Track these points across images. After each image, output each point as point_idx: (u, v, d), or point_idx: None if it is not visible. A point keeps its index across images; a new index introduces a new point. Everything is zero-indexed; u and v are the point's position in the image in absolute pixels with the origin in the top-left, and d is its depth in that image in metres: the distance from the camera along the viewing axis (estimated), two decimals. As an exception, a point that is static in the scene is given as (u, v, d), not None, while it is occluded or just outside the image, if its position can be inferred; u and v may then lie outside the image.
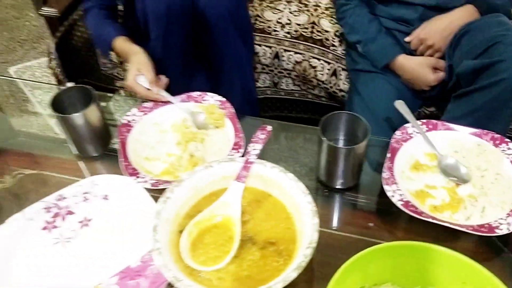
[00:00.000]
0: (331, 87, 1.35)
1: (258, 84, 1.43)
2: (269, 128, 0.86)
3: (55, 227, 0.79)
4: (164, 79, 1.04)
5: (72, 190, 0.83)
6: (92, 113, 0.89)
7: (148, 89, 0.99)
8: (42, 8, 1.41)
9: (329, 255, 0.72)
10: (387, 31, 1.18)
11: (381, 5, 1.19)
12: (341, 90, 1.34)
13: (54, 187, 0.83)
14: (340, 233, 0.79)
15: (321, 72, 1.34)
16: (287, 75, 1.40)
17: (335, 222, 0.81)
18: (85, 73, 1.44)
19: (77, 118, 0.87)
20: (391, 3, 1.17)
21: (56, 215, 0.80)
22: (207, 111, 0.97)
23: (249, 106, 1.30)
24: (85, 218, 0.81)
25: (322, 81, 1.35)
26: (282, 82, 1.42)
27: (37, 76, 2.04)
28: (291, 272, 0.62)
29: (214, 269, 0.68)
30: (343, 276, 0.60)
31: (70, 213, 0.81)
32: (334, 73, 1.34)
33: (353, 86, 1.24)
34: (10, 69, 2.08)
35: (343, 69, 1.33)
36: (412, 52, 1.16)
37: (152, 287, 0.70)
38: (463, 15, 1.08)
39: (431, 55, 1.14)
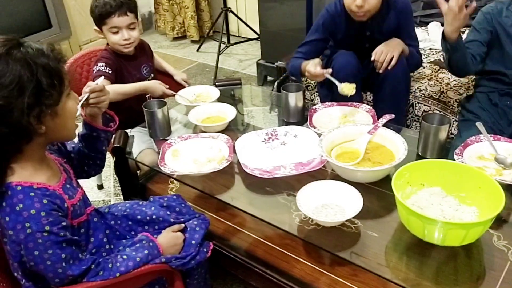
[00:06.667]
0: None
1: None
2: (393, 115, 1.50)
3: (268, 141, 1.54)
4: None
5: (281, 130, 1.58)
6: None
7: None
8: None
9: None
10: None
11: None
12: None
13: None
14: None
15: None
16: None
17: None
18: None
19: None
20: None
21: (269, 138, 1.56)
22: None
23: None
24: (283, 141, 1.54)
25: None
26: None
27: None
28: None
29: (350, 164, 1.33)
30: (405, 171, 1.19)
31: (277, 138, 1.56)
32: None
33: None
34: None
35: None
36: None
37: (311, 168, 1.37)
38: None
39: None
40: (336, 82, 1.66)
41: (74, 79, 2.02)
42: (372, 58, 1.79)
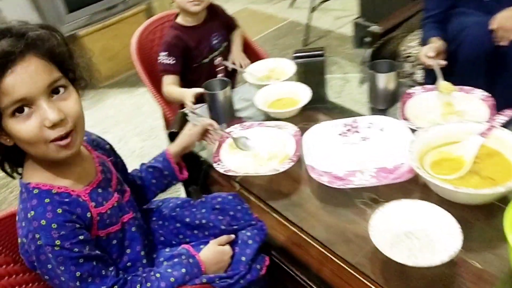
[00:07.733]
0: None
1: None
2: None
3: (346, 134, 1.26)
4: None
5: (364, 120, 1.28)
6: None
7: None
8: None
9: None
10: None
11: None
12: None
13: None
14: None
15: None
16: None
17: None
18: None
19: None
20: None
21: (348, 130, 1.27)
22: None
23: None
24: (365, 136, 1.25)
25: None
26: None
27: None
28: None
29: (445, 178, 1.01)
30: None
31: (357, 132, 1.27)
32: None
33: None
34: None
35: None
36: None
37: (396, 178, 1.08)
38: None
39: None
40: (439, 78, 1.35)
41: (145, 48, 1.90)
42: (492, 27, 1.38)
